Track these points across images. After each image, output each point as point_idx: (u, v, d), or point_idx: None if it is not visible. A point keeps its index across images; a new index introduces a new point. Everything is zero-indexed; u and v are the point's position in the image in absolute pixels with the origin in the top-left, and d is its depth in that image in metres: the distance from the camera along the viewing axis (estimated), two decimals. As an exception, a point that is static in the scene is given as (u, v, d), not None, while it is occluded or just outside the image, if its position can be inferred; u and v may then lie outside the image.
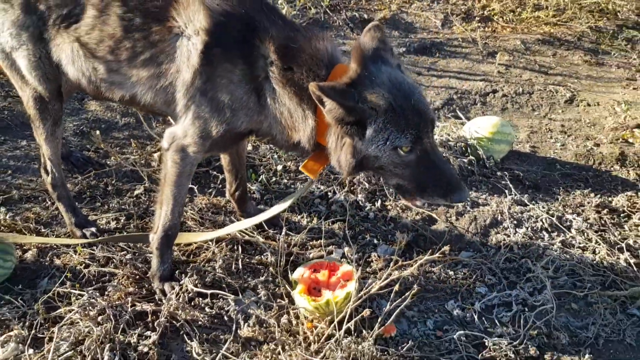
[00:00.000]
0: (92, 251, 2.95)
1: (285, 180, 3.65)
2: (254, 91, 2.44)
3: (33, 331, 2.53)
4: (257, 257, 3.04)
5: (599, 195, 3.71)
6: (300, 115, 2.42)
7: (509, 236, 3.30)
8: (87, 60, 2.58)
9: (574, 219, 3.47)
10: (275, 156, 3.77)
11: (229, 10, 2.40)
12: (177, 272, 2.85)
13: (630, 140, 4.34)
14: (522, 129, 4.43)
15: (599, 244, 3.28)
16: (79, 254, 2.92)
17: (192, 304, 2.71)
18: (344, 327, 2.55)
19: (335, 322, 2.57)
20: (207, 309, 2.71)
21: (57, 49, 2.62)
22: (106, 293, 2.72)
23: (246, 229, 3.19)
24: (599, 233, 3.39)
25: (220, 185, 3.51)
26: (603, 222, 3.49)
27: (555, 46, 5.65)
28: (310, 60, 2.38)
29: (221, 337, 2.61)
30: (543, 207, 3.54)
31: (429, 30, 5.67)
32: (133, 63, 2.51)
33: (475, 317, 2.80)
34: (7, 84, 4.20)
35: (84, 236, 3.01)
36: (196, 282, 2.77)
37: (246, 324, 2.64)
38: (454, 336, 2.67)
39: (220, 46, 2.38)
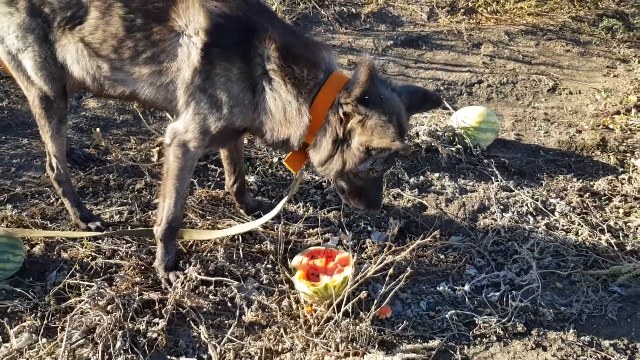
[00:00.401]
0: (98, 244, 3.06)
1: (281, 172, 3.78)
2: (249, 89, 2.56)
3: (45, 321, 2.64)
4: (257, 245, 3.17)
5: (581, 180, 3.89)
6: (295, 111, 2.54)
7: (496, 220, 3.46)
8: (91, 59, 2.69)
9: (558, 202, 3.64)
10: (271, 149, 3.89)
11: (227, 12, 2.51)
12: (180, 262, 2.97)
13: (611, 126, 4.51)
14: (507, 117, 4.59)
15: (582, 226, 3.45)
16: (86, 247, 3.04)
17: (197, 291, 2.84)
18: (342, 309, 2.69)
19: (334, 305, 2.71)
20: (211, 296, 2.83)
21: (62, 49, 2.71)
22: (114, 283, 2.84)
23: (245, 219, 3.33)
24: (582, 216, 3.56)
25: (219, 178, 3.63)
26: (585, 205, 3.66)
27: (538, 36, 5.81)
28: (309, 63, 2.52)
29: (225, 322, 2.74)
30: (528, 192, 3.71)
31: (415, 23, 5.80)
32: (135, 61, 2.62)
33: (466, 297, 2.96)
34: (7, 84, 4.29)
35: (89, 230, 3.12)
36: (200, 270, 2.90)
37: (249, 309, 2.78)
38: (446, 316, 2.82)
39: (218, 46, 2.49)
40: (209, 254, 3.08)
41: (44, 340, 2.57)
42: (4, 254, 2.81)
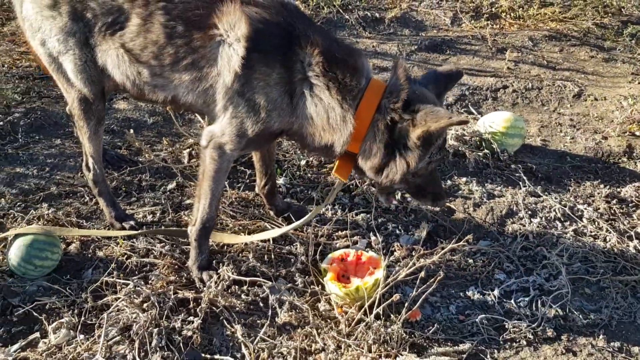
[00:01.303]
0: (132, 243, 3.12)
1: (309, 175, 3.81)
2: (287, 93, 2.60)
3: (82, 318, 2.70)
4: (287, 247, 3.21)
5: (608, 186, 3.88)
6: (339, 117, 2.58)
7: (524, 226, 3.47)
8: (132, 65, 2.74)
9: (585, 209, 3.64)
10: (299, 152, 3.93)
11: (267, 18, 2.56)
12: (213, 261, 3.02)
13: (637, 133, 4.50)
14: (533, 123, 4.59)
15: (610, 232, 3.45)
16: (121, 246, 3.10)
17: (230, 291, 2.88)
18: (374, 311, 2.72)
19: (366, 307, 2.74)
20: (243, 296, 2.87)
21: (103, 54, 2.77)
22: (149, 282, 2.89)
23: (275, 221, 3.37)
24: (609, 222, 3.56)
25: (249, 180, 3.68)
26: (613, 211, 3.66)
27: (562, 42, 5.80)
28: (352, 69, 2.57)
29: (258, 321, 2.78)
30: (556, 198, 3.71)
31: (438, 27, 5.82)
32: (176, 67, 2.66)
33: (495, 302, 2.98)
34: (41, 85, 4.37)
35: (123, 229, 3.18)
36: (232, 270, 2.94)
37: (281, 310, 2.82)
38: (476, 320, 2.84)
39: (259, 51, 2.53)
40: (240, 254, 3.13)
41: (82, 336, 2.62)
42: (42, 251, 2.88)
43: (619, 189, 3.88)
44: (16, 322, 2.72)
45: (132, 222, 3.22)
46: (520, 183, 3.81)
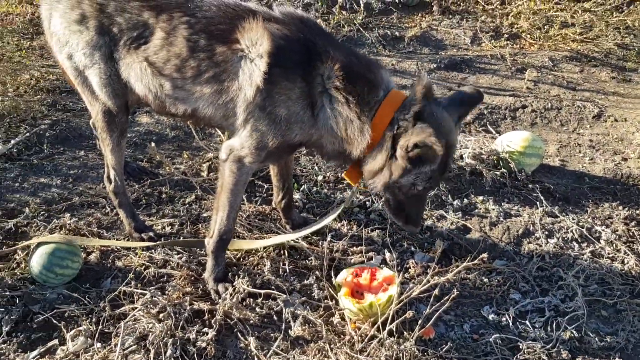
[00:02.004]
0: (150, 254, 3.18)
1: (325, 190, 3.85)
2: (308, 106, 2.66)
3: (100, 326, 2.75)
4: (302, 261, 3.23)
5: (626, 208, 3.85)
6: (357, 129, 2.65)
7: (540, 246, 3.46)
8: (154, 78, 2.82)
9: (603, 230, 3.61)
10: (316, 167, 3.98)
11: (288, 35, 2.63)
12: (229, 274, 3.06)
13: (658, 155, 4.46)
14: (552, 143, 4.58)
15: (628, 255, 3.41)
16: (139, 257, 3.15)
17: (244, 304, 2.92)
18: (387, 328, 2.72)
19: (379, 323, 2.75)
20: (257, 309, 2.90)
21: (127, 67, 2.85)
22: (166, 292, 2.94)
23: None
24: (627, 244, 3.52)
25: (266, 194, 3.72)
26: (631, 233, 3.62)
27: (582, 63, 5.79)
28: (370, 83, 2.64)
29: (271, 335, 2.80)
30: (573, 219, 3.69)
31: (458, 47, 5.86)
32: (197, 80, 2.74)
33: (510, 322, 2.96)
34: (66, 98, 4.49)
35: (142, 240, 3.24)
36: (247, 283, 2.98)
37: (295, 324, 2.84)
38: (490, 339, 2.83)
39: (280, 66, 2.60)
40: (256, 268, 3.16)
41: (99, 344, 2.67)
42: (63, 260, 2.94)
43: (637, 211, 3.84)
44: (36, 329, 2.78)
45: (150, 234, 3.27)
46: (538, 203, 3.80)
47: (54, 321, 2.78)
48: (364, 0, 5.99)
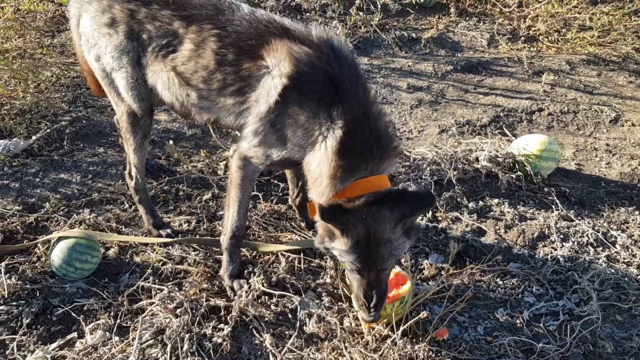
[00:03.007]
0: (168, 250, 3.22)
1: (341, 191, 3.87)
2: (310, 136, 2.64)
3: (118, 320, 2.80)
4: (316, 260, 3.26)
5: (643, 213, 3.84)
6: (321, 189, 2.63)
7: (555, 249, 3.45)
8: (182, 88, 2.86)
9: (619, 235, 3.60)
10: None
11: (316, 64, 2.58)
12: (245, 271, 3.09)
13: (676, 160, 4.43)
14: (568, 147, 4.56)
15: (644, 260, 3.40)
16: (157, 253, 3.20)
17: (260, 301, 2.95)
18: (401, 328, 2.74)
19: (393, 323, 2.77)
20: (272, 307, 2.93)
21: (154, 74, 2.90)
22: (183, 288, 2.98)
23: (306, 233, 3.44)
24: (644, 249, 3.51)
25: (281, 193, 3.76)
26: (647, 239, 3.61)
27: (600, 67, 5.76)
28: (352, 163, 2.55)
29: (286, 332, 2.84)
30: (589, 223, 3.68)
31: (475, 49, 5.85)
32: (222, 92, 2.77)
33: (524, 324, 2.97)
34: (86, 96, 4.55)
35: (160, 236, 3.29)
36: (262, 281, 3.02)
37: (309, 322, 2.86)
38: (504, 341, 2.84)
39: (297, 91, 2.60)
40: (271, 266, 3.20)
41: (117, 338, 2.72)
42: (83, 254, 3.00)
43: (654, 216, 3.82)
44: (55, 322, 2.84)
45: (168, 230, 3.32)
46: (553, 207, 3.79)
47: (73, 314, 2.84)
48: (381, 1, 5.99)
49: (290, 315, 2.92)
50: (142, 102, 3.01)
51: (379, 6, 5.94)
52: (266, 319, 2.88)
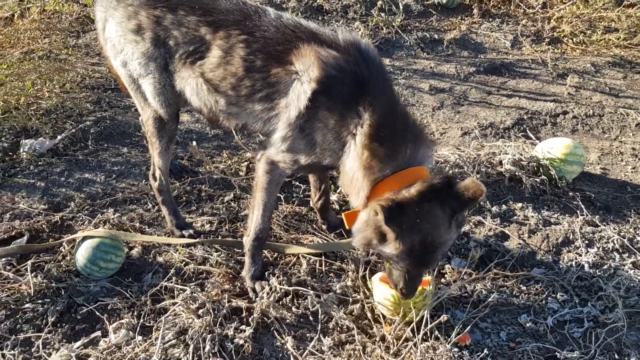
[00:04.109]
0: (190, 251, 3.25)
1: (362, 193, 3.86)
2: (340, 139, 2.64)
3: (141, 320, 2.83)
4: (337, 263, 3.26)
5: (671, 219, 3.76)
6: (357, 186, 2.62)
7: (580, 255, 3.40)
8: (210, 94, 2.87)
9: (645, 241, 3.54)
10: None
11: (343, 66, 2.59)
12: (266, 272, 3.10)
13: None
14: (593, 150, 4.50)
15: (671, 267, 3.34)
16: (180, 253, 3.22)
17: (281, 303, 2.96)
18: (422, 332, 2.73)
19: (414, 324, 2.75)
20: (294, 309, 2.94)
21: (182, 80, 2.91)
22: (205, 289, 3.00)
23: (327, 236, 3.44)
24: (671, 256, 3.45)
25: (303, 195, 3.76)
26: (675, 245, 3.54)
27: (625, 69, 5.66)
28: (385, 155, 2.55)
29: (307, 335, 2.84)
30: (614, 229, 3.62)
31: (498, 50, 5.80)
32: (251, 98, 2.78)
33: (548, 331, 2.93)
34: (111, 96, 4.61)
35: (183, 237, 3.31)
36: (283, 282, 3.02)
37: (330, 324, 2.86)
38: (527, 348, 2.81)
39: (326, 95, 2.60)
40: (292, 267, 3.20)
41: (140, 337, 2.75)
42: (107, 254, 3.03)
43: (682, 223, 3.75)
44: (80, 320, 2.87)
45: (191, 231, 3.34)
46: (578, 211, 3.74)
47: (97, 313, 2.88)
48: (403, 2, 5.97)
49: (311, 318, 2.92)
50: (169, 108, 3.03)
51: (401, 7, 5.91)
52: (287, 321, 2.89)
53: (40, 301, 2.93)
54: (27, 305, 2.90)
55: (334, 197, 3.75)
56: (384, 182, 2.56)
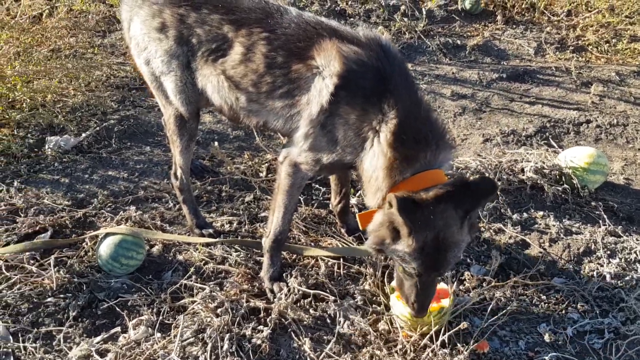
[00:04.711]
0: (210, 250, 3.27)
1: (382, 197, 3.85)
2: (361, 135, 2.63)
3: (160, 317, 2.86)
4: (356, 266, 3.26)
5: (695, 232, 3.70)
6: (378, 184, 2.60)
7: (602, 265, 3.36)
8: (231, 91, 2.89)
9: (669, 253, 3.48)
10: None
11: (365, 61, 2.59)
12: (284, 274, 3.11)
13: None
14: (616, 160, 4.44)
15: (695, 280, 3.28)
16: (199, 252, 3.25)
17: (298, 304, 2.97)
18: (440, 339, 2.72)
19: (433, 333, 2.74)
20: (311, 311, 2.95)
21: (203, 78, 2.94)
22: (224, 288, 3.02)
23: (346, 239, 3.44)
24: (695, 269, 3.39)
25: (322, 198, 3.77)
26: (699, 258, 3.48)
27: (651, 78, 5.59)
28: (407, 157, 2.54)
29: (324, 337, 2.84)
30: (637, 240, 3.57)
31: (521, 57, 5.75)
32: (271, 95, 2.79)
33: (567, 341, 2.91)
34: (134, 96, 4.66)
35: (202, 236, 3.34)
36: (301, 284, 3.03)
37: (348, 328, 2.86)
38: (546, 357, 2.78)
39: (347, 90, 2.60)
40: (311, 270, 3.21)
41: (159, 334, 2.77)
42: (129, 251, 3.07)
43: None
44: (100, 315, 2.91)
45: (210, 230, 3.37)
46: (600, 221, 3.70)
47: (117, 309, 2.91)
48: (426, 8, 5.96)
49: (328, 320, 2.92)
50: (190, 106, 3.05)
51: (424, 12, 5.90)
52: (305, 322, 2.90)
53: (62, 296, 2.98)
54: (49, 299, 2.95)
55: (353, 200, 3.75)
56: (402, 184, 2.55)
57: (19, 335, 2.77)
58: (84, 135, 4.13)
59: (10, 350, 2.70)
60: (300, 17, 2.80)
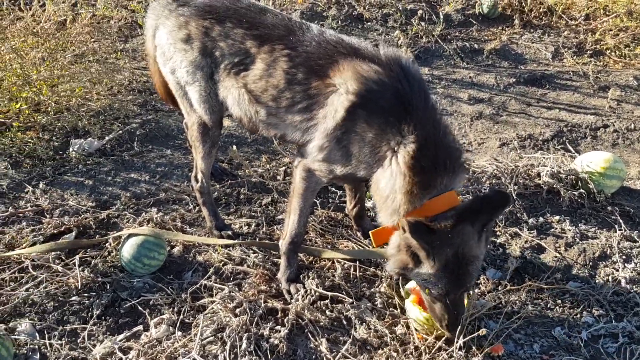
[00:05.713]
0: (229, 251, 3.34)
1: (398, 201, 3.90)
2: (376, 153, 2.68)
3: (181, 316, 2.94)
4: (372, 269, 3.31)
5: None
6: (394, 207, 2.64)
7: (617, 270, 3.37)
8: (251, 105, 2.97)
9: (686, 259, 3.48)
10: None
11: (384, 81, 2.63)
12: (301, 275, 3.17)
13: None
14: (633, 165, 4.43)
15: None
16: (218, 253, 3.33)
17: (315, 306, 3.02)
18: (456, 343, 2.75)
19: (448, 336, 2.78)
20: (327, 312, 3.00)
21: (225, 90, 3.03)
22: (242, 289, 3.09)
23: (362, 242, 3.49)
24: None
25: (338, 201, 3.82)
26: None
27: (671, 83, 5.55)
28: (425, 182, 2.58)
29: (340, 338, 2.89)
30: (653, 245, 3.58)
31: (539, 61, 5.76)
32: (290, 110, 2.86)
33: (582, 345, 2.92)
34: (156, 100, 4.76)
35: (222, 238, 3.41)
36: (317, 285, 3.09)
37: (363, 329, 2.91)
38: (560, 361, 2.81)
39: (364, 108, 2.65)
40: (327, 271, 3.26)
41: (179, 333, 2.85)
42: (151, 251, 3.15)
43: None
44: (123, 314, 3.00)
45: (229, 232, 3.44)
46: (616, 226, 3.70)
47: (140, 308, 2.99)
48: (443, 12, 5.99)
49: (344, 322, 2.97)
50: (213, 115, 3.14)
51: (441, 16, 5.93)
52: (321, 323, 2.95)
53: (86, 294, 3.07)
54: (74, 298, 3.05)
55: (369, 204, 3.79)
56: (417, 210, 2.60)
57: (45, 332, 2.87)
58: (107, 138, 4.24)
59: (36, 347, 2.80)
60: (321, 35, 2.86)
